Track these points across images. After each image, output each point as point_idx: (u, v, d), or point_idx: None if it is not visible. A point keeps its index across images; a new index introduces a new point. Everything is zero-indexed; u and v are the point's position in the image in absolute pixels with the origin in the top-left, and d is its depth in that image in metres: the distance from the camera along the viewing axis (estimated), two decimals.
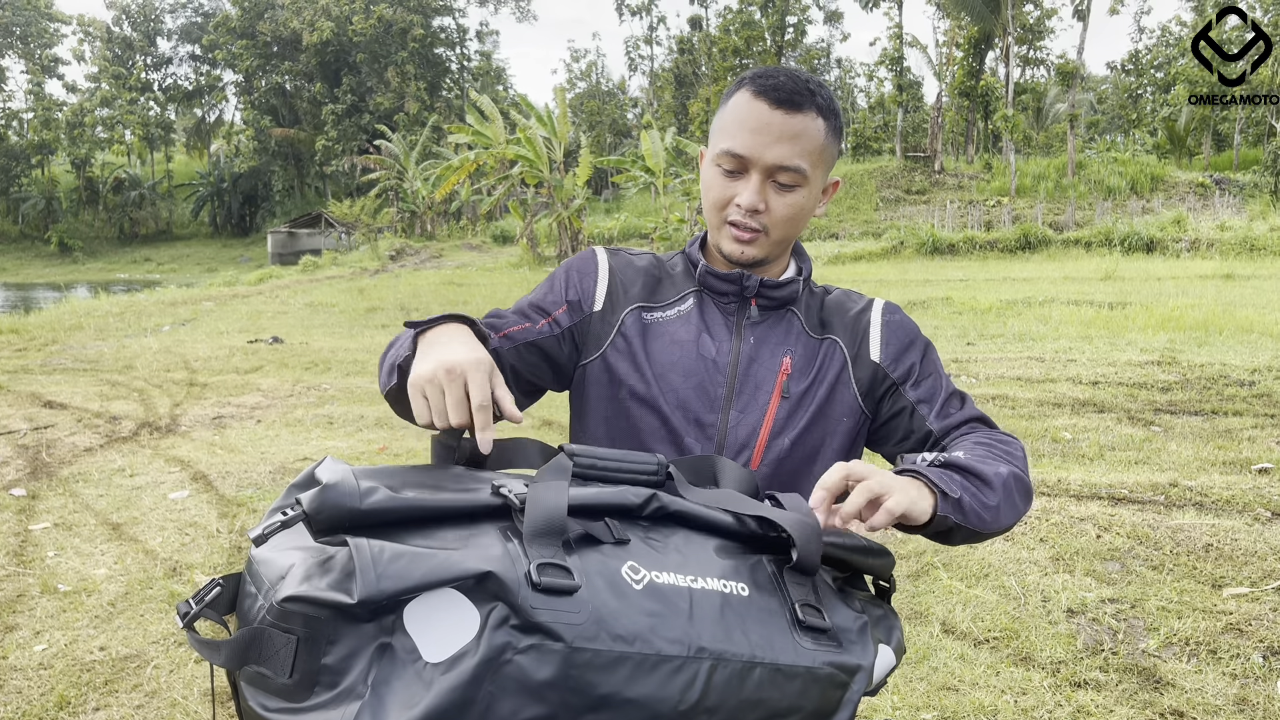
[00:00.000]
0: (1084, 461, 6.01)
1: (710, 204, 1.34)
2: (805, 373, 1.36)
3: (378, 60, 61.14)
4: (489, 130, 31.88)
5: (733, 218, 1.31)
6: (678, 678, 0.88)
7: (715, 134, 1.33)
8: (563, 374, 1.40)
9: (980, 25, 43.96)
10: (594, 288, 1.39)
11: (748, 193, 1.28)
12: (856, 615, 1.04)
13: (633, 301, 1.38)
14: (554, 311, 1.37)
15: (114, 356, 12.41)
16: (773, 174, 1.28)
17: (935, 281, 20.36)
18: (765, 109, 1.26)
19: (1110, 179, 38.52)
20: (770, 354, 1.35)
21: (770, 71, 1.29)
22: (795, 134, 1.27)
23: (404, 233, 45.73)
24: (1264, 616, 3.57)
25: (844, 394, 1.37)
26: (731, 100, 1.31)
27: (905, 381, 1.37)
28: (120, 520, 5.10)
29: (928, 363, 1.40)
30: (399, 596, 0.81)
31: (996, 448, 1.26)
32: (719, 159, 1.30)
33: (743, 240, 1.32)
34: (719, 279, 1.36)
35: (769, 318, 1.38)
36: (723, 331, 1.36)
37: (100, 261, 59.76)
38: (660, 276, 1.42)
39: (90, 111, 66.34)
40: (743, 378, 1.34)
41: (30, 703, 3.12)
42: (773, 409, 1.33)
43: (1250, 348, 10.01)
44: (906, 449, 1.37)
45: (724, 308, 1.38)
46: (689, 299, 1.39)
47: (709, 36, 60.20)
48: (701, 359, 1.34)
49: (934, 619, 3.67)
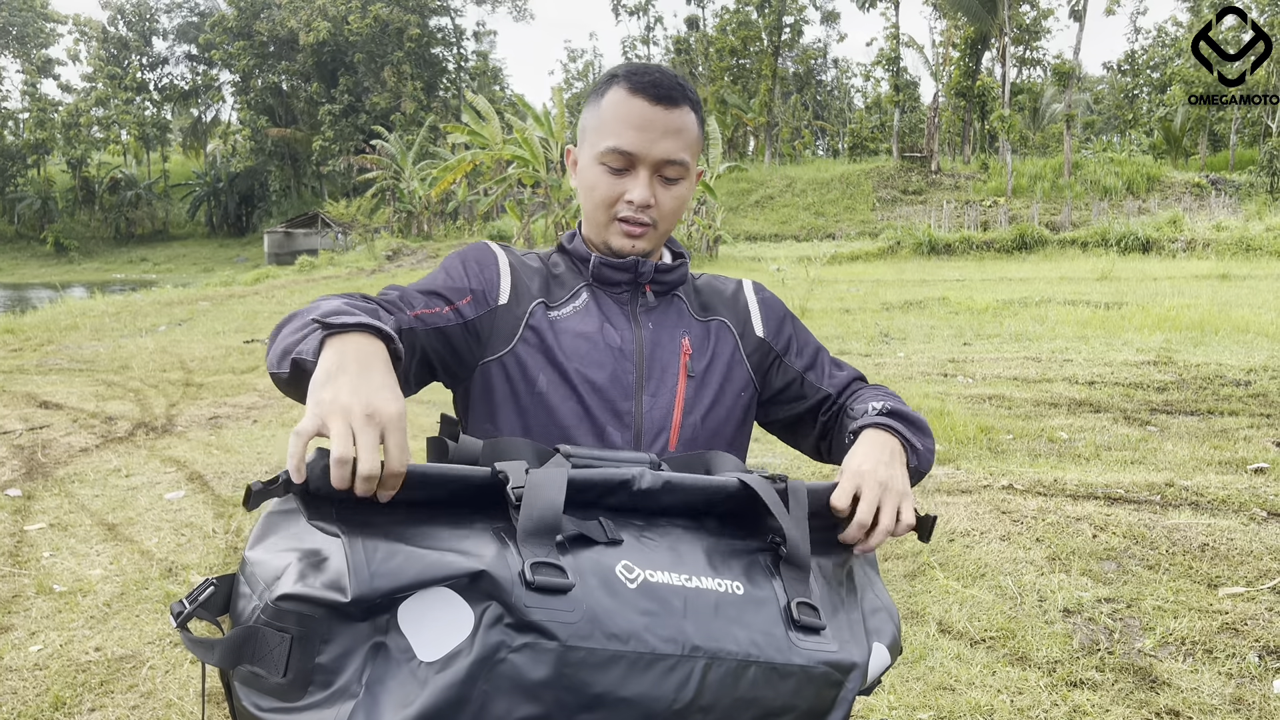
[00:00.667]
0: (1080, 461, 6.01)
1: (596, 202, 1.35)
2: (703, 352, 1.40)
3: (374, 60, 61.11)
4: (485, 130, 31.87)
5: (623, 214, 1.34)
6: (672, 676, 0.88)
7: (593, 133, 1.34)
8: (460, 366, 1.33)
9: (977, 25, 44.01)
10: (497, 279, 1.37)
11: (638, 189, 1.31)
12: (852, 614, 1.04)
13: (535, 297, 1.37)
14: (457, 301, 1.32)
15: (110, 357, 12.39)
16: (659, 168, 1.31)
17: (932, 281, 20.38)
18: (646, 106, 1.29)
19: (1106, 179, 38.58)
20: (670, 337, 1.39)
21: (642, 68, 1.32)
22: (677, 129, 1.31)
23: (400, 233, 45.66)
24: (1260, 616, 3.57)
25: (739, 370, 1.43)
26: (606, 99, 1.33)
27: (787, 353, 1.47)
28: (116, 521, 5.09)
29: (801, 332, 1.51)
30: (393, 595, 0.81)
31: (892, 394, 1.38)
32: (605, 157, 1.31)
33: (634, 235, 1.35)
34: (613, 269, 1.38)
35: (661, 303, 1.42)
36: (621, 320, 1.38)
37: (96, 261, 59.67)
38: (549, 274, 1.42)
39: (86, 111, 66.27)
40: (649, 362, 1.36)
41: (25, 703, 3.11)
42: (681, 389, 1.36)
43: (1246, 348, 10.02)
44: (801, 411, 1.46)
45: (617, 298, 1.40)
46: (582, 294, 1.39)
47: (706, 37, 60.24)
48: (609, 349, 1.34)
49: (930, 619, 3.67)
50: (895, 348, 11.28)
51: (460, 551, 0.85)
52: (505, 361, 1.33)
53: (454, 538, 0.87)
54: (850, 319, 14.15)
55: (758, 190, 45.95)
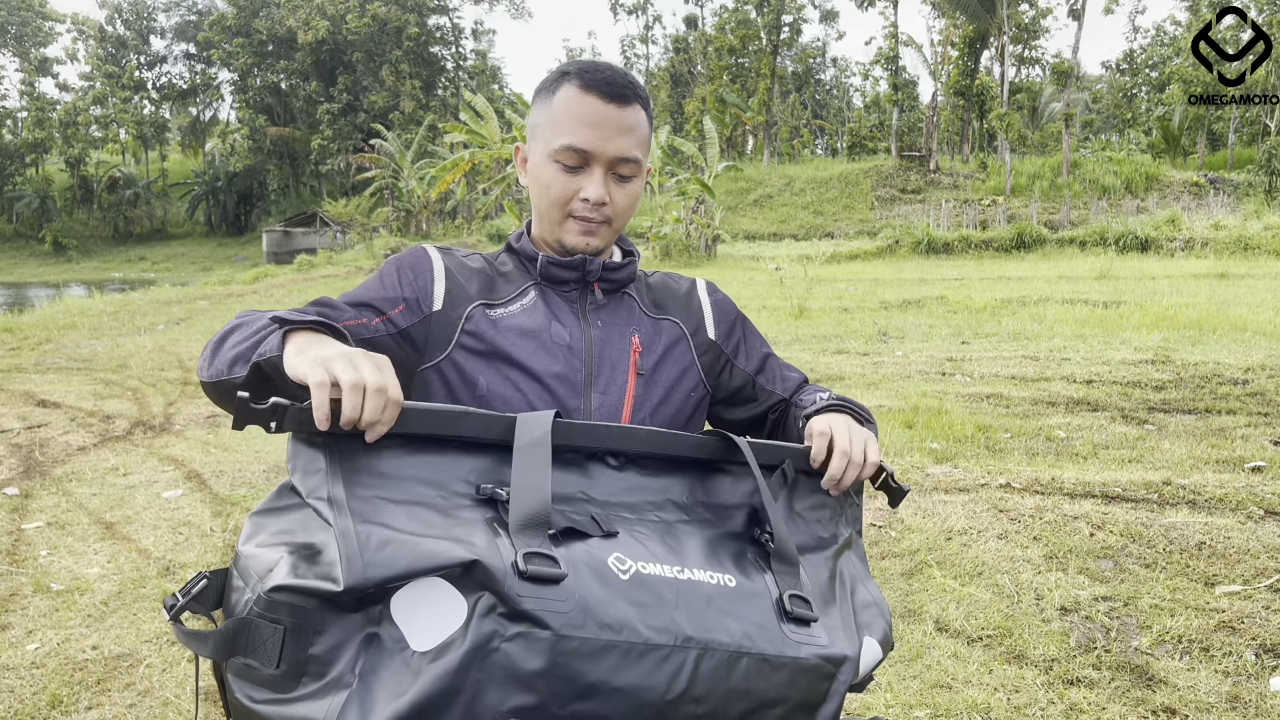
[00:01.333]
0: (1078, 460, 6.01)
1: (550, 200, 1.35)
2: (652, 349, 1.41)
3: (373, 59, 61.08)
4: (484, 129, 31.87)
5: (578, 211, 1.34)
6: (665, 667, 0.88)
7: (545, 130, 1.33)
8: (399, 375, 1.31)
9: (975, 24, 44.01)
10: (431, 286, 1.35)
11: (593, 186, 1.31)
12: (843, 607, 1.04)
13: (474, 299, 1.35)
14: (389, 311, 1.31)
15: (108, 355, 12.38)
16: (614, 166, 1.32)
17: (930, 280, 20.39)
18: (598, 103, 1.29)
19: (1105, 178, 38.59)
20: (619, 334, 1.39)
21: (593, 66, 1.32)
22: (630, 126, 1.31)
23: (399, 231, 45.65)
24: (1256, 614, 3.57)
25: (689, 370, 1.44)
26: (558, 96, 1.32)
27: (737, 356, 1.49)
28: (113, 519, 5.09)
29: (751, 336, 1.53)
30: (386, 585, 0.81)
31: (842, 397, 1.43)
32: (559, 155, 1.31)
33: (589, 232, 1.35)
34: (560, 267, 1.38)
35: (610, 301, 1.42)
36: (570, 318, 1.38)
37: (95, 260, 59.63)
38: (493, 275, 1.41)
39: (84, 110, 66.24)
40: (599, 360, 1.36)
41: (23, 702, 3.11)
42: (631, 387, 1.36)
43: (1244, 347, 10.03)
44: (755, 414, 1.50)
45: (566, 295, 1.40)
46: (530, 292, 1.39)
47: (704, 35, 60.22)
48: (557, 345, 1.34)
49: (927, 617, 3.67)
50: (893, 346, 11.29)
51: (453, 541, 0.85)
52: (442, 367, 1.32)
53: (446, 526, 0.87)
54: (848, 318, 14.16)
55: (756, 189, 45.95)
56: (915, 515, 4.84)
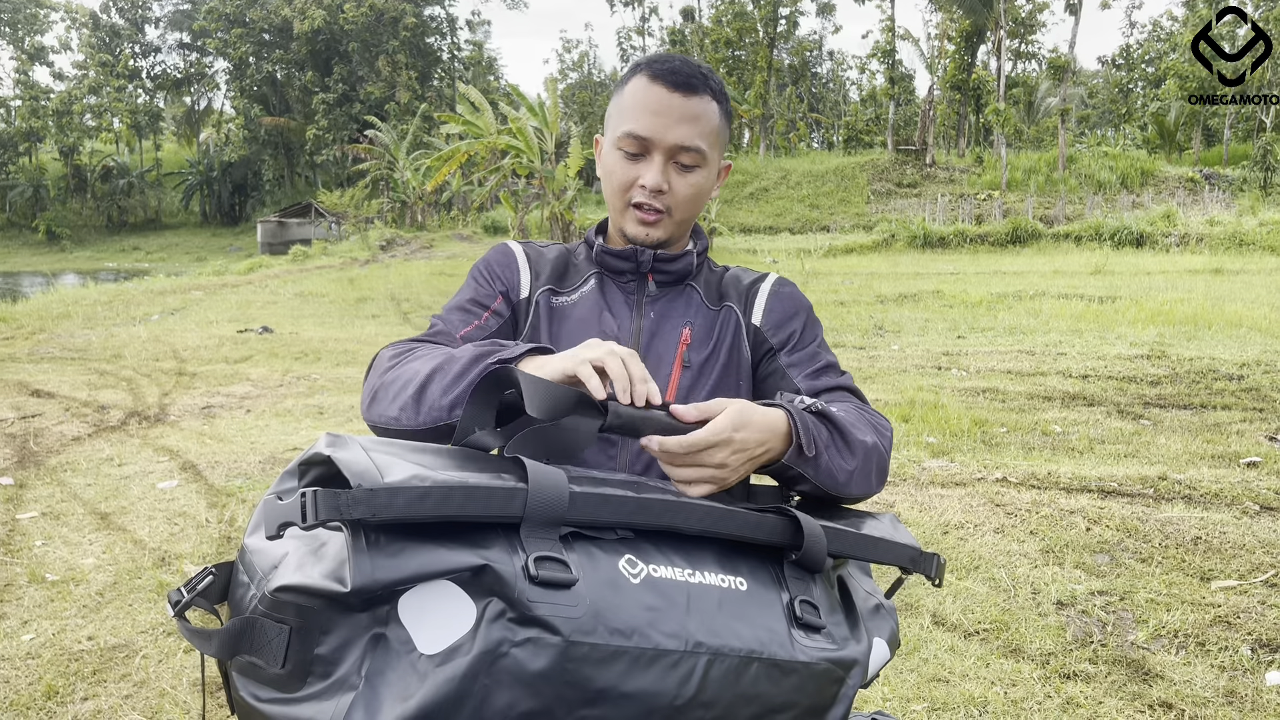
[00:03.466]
0: (1073, 454, 6.03)
1: (613, 188, 1.36)
2: (705, 342, 1.39)
3: (369, 49, 60.86)
4: (480, 120, 31.78)
5: (637, 199, 1.34)
6: (675, 672, 0.87)
7: (614, 119, 1.35)
8: None
9: (972, 19, 43.97)
10: (517, 276, 1.43)
11: (651, 173, 1.31)
12: (851, 610, 1.04)
13: (542, 286, 1.42)
14: (491, 304, 1.40)
15: (102, 345, 12.34)
16: (674, 155, 1.31)
17: (926, 275, 20.40)
18: (664, 92, 1.29)
19: (1101, 173, 38.60)
20: (671, 327, 1.39)
21: (664, 57, 1.33)
22: (694, 115, 1.30)
23: (394, 223, 45.53)
24: (1252, 609, 3.58)
25: (739, 357, 1.41)
26: (628, 86, 1.34)
27: (782, 348, 1.42)
28: (108, 510, 5.07)
29: (808, 333, 1.44)
30: (394, 587, 0.80)
31: (868, 417, 1.29)
32: (620, 142, 1.32)
33: (648, 222, 1.35)
34: (615, 257, 1.40)
35: (668, 293, 1.42)
36: (623, 309, 1.40)
37: (88, 250, 59.42)
38: (567, 264, 1.46)
39: (78, 99, 65.89)
40: (645, 351, 1.37)
41: (18, 692, 3.10)
42: (675, 379, 1.36)
43: (1239, 342, 10.06)
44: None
45: (623, 286, 1.42)
46: (590, 280, 1.43)
47: (701, 28, 60.10)
48: (605, 336, 1.35)
49: (924, 611, 3.68)
50: (889, 341, 11.29)
51: (463, 544, 0.84)
52: None
53: (457, 530, 0.86)
54: (845, 312, 14.16)
55: (752, 182, 45.92)
56: (912, 509, 4.85)
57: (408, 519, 0.81)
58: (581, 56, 74.89)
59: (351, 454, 0.85)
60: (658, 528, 0.95)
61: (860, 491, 1.22)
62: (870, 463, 1.21)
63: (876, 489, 1.25)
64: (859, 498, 1.23)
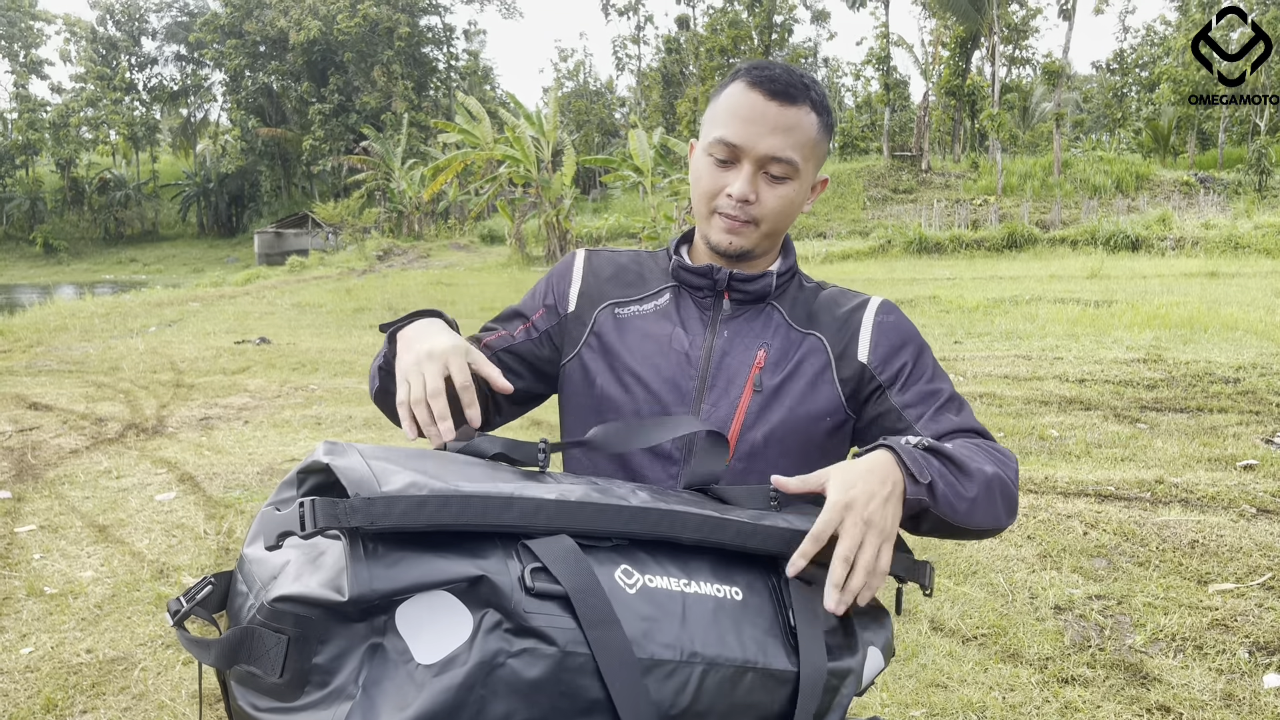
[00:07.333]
0: (1071, 459, 6.03)
1: (700, 194, 1.32)
2: (780, 366, 1.32)
3: (364, 59, 60.95)
4: (477, 130, 31.84)
5: (723, 208, 1.29)
6: (670, 682, 0.88)
7: (708, 124, 1.32)
8: (546, 376, 1.43)
9: (966, 25, 44.09)
10: (568, 290, 1.42)
11: (739, 182, 1.26)
12: (847, 619, 1.04)
13: (606, 299, 1.39)
14: (532, 316, 1.42)
15: (100, 358, 12.33)
16: (765, 165, 1.26)
17: (922, 280, 20.42)
18: (760, 100, 1.25)
19: (1096, 178, 38.65)
20: (745, 348, 1.32)
21: (766, 64, 1.28)
22: (789, 126, 1.25)
23: (391, 233, 45.55)
24: (1249, 612, 3.59)
25: (825, 391, 1.31)
26: (726, 91, 1.30)
27: (893, 385, 1.31)
28: (107, 522, 5.07)
29: (920, 366, 1.33)
30: (391, 597, 0.81)
31: (987, 450, 1.22)
32: (711, 148, 1.28)
33: (732, 231, 1.30)
34: (691, 273, 1.35)
35: (745, 312, 1.35)
36: (697, 325, 1.34)
37: (85, 262, 59.37)
38: (641, 271, 1.42)
39: (75, 112, 65.88)
40: (715, 371, 1.31)
41: (17, 706, 3.10)
42: (744, 402, 1.29)
43: (1235, 345, 10.07)
44: None
45: (700, 302, 1.36)
46: (666, 293, 1.38)
47: (696, 36, 60.22)
48: (674, 352, 1.32)
49: (922, 616, 3.68)
50: None
51: (460, 554, 0.85)
52: (573, 366, 1.39)
53: (454, 540, 0.87)
54: None
55: None
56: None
57: (405, 528, 0.82)
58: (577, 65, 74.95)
59: (350, 462, 0.86)
60: (654, 537, 0.95)
61: (988, 522, 1.15)
62: (993, 492, 1.15)
63: (1006, 521, 1.19)
64: (988, 529, 1.17)
